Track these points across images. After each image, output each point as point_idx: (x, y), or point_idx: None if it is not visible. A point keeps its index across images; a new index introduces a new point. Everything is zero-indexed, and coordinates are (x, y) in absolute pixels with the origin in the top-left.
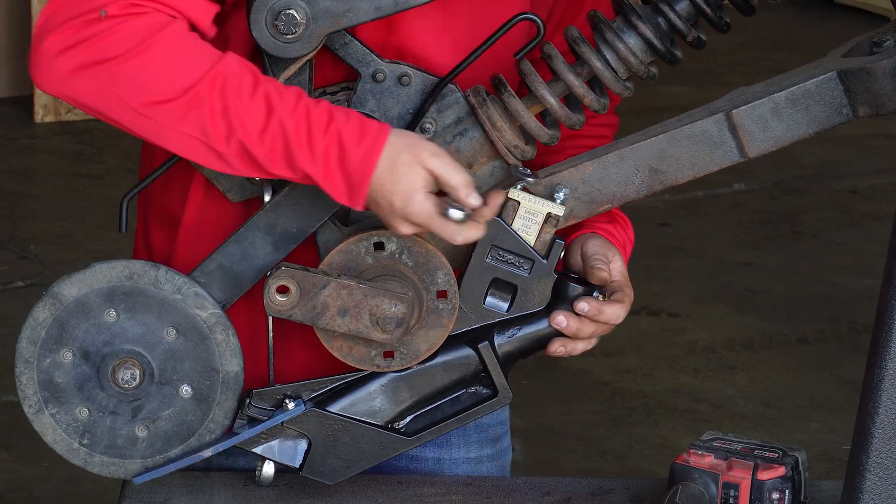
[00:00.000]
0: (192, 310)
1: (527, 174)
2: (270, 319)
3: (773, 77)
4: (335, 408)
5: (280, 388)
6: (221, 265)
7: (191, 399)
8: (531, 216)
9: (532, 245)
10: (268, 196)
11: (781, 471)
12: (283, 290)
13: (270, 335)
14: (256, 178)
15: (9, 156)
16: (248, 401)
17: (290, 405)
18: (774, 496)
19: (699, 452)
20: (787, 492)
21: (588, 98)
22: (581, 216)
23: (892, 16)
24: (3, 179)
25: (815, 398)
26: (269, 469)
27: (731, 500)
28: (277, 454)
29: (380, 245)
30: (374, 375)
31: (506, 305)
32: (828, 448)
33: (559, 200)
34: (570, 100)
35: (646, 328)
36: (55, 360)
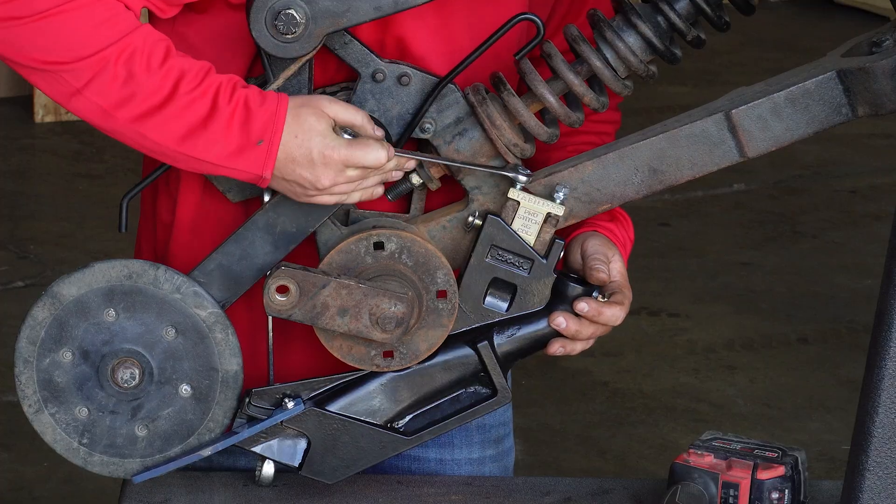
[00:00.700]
0: (192, 309)
1: (523, 173)
2: (270, 319)
3: (773, 77)
4: (335, 407)
5: (279, 388)
6: (221, 265)
7: (190, 398)
8: (531, 216)
9: (532, 245)
10: (267, 196)
11: (781, 470)
12: (283, 290)
13: (270, 335)
14: None
15: (9, 156)
16: (248, 400)
17: (290, 404)
18: (774, 496)
19: (699, 452)
20: (787, 491)
21: (587, 96)
22: (581, 216)
23: (892, 16)
24: (3, 179)
25: (815, 398)
26: (269, 469)
27: (731, 500)
28: (277, 453)
29: (380, 245)
30: (374, 375)
31: (505, 305)
32: (827, 448)
33: (559, 200)
34: (570, 98)
35: (645, 328)
36: (55, 360)
